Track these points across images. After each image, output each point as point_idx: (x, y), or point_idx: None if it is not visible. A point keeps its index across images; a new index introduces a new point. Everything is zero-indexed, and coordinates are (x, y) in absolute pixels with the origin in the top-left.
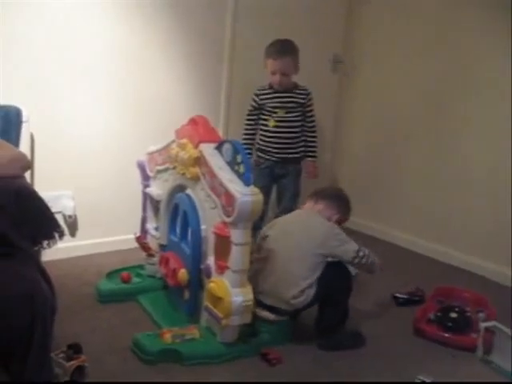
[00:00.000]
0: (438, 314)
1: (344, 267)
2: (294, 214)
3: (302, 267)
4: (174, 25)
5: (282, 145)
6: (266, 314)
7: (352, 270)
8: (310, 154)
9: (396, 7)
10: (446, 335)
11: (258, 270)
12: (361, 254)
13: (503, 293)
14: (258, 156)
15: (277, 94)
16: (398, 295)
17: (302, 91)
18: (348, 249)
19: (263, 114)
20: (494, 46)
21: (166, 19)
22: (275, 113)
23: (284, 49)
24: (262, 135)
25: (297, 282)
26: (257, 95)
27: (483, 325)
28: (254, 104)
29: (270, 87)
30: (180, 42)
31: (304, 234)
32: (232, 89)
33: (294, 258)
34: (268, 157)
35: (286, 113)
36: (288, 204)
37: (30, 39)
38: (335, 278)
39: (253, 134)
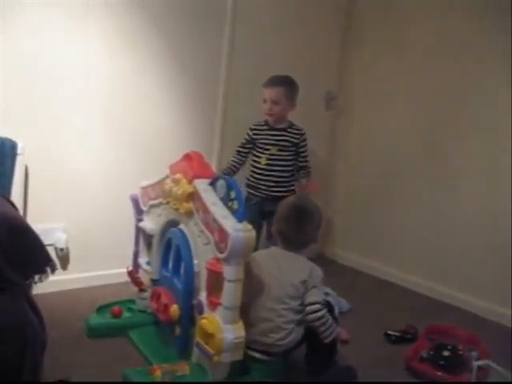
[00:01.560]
0: (431, 352)
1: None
2: (271, 253)
3: (285, 311)
4: (168, 61)
5: (272, 182)
6: (258, 355)
7: (344, 305)
8: (302, 175)
9: (390, 44)
10: (439, 374)
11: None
12: (324, 312)
13: (495, 331)
14: (248, 192)
15: (271, 132)
16: (390, 332)
17: (296, 131)
18: (318, 294)
19: (255, 150)
20: (492, 85)
21: (161, 55)
22: (267, 150)
23: (277, 79)
24: (252, 171)
25: (281, 326)
26: (251, 129)
27: (476, 363)
28: (246, 137)
29: (266, 123)
30: (175, 78)
31: (286, 279)
32: (226, 125)
33: (276, 308)
34: (258, 193)
35: (279, 150)
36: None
37: (25, 72)
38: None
39: (238, 166)
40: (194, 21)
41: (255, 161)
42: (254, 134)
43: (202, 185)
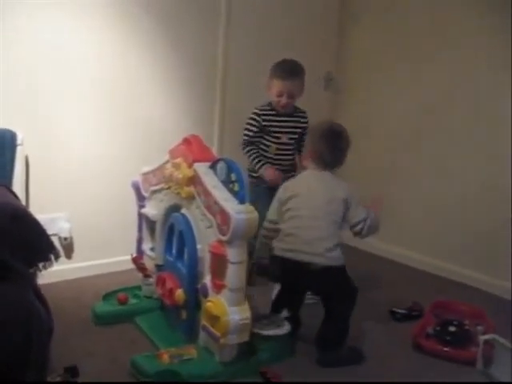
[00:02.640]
0: (437, 328)
1: (351, 282)
2: (310, 175)
3: (330, 226)
4: (166, 46)
5: (280, 170)
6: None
7: None
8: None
9: (387, 24)
10: (446, 349)
11: (285, 230)
12: (368, 222)
13: (500, 305)
14: (254, 177)
15: (281, 118)
16: (395, 310)
17: (301, 113)
18: (360, 212)
19: (264, 138)
20: (489, 65)
21: (160, 42)
22: (278, 138)
23: (294, 69)
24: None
25: (328, 237)
26: (258, 115)
27: (482, 338)
28: (255, 124)
29: (272, 109)
30: (173, 62)
31: (327, 193)
32: (226, 107)
33: (320, 217)
34: (264, 184)
35: (289, 138)
36: None
37: (24, 63)
38: (342, 293)
39: (260, 155)
40: (191, 8)
41: (262, 149)
42: (264, 121)
43: (202, 168)
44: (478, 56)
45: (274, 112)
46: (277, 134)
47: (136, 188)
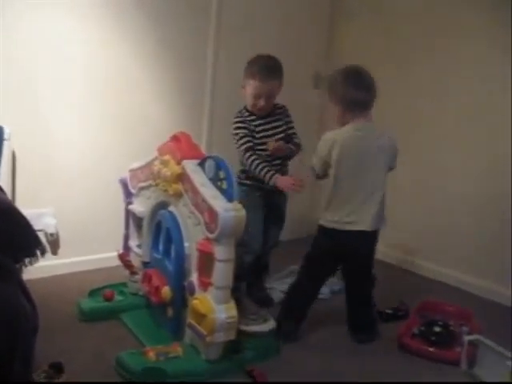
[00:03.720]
0: (422, 328)
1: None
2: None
3: (379, 182)
4: (157, 44)
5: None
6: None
7: (336, 284)
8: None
9: (376, 23)
10: (431, 349)
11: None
12: None
13: (486, 306)
14: (249, 185)
15: (262, 121)
16: (382, 310)
17: (280, 110)
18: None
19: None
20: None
21: (150, 40)
22: (264, 143)
23: (273, 69)
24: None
25: (381, 199)
26: (244, 121)
27: (467, 338)
28: (245, 132)
29: (251, 113)
30: (163, 60)
31: (375, 149)
32: (215, 105)
33: (369, 176)
34: (263, 185)
35: (276, 140)
36: (278, 233)
37: (12, 58)
38: (366, 281)
39: (266, 164)
40: (182, 7)
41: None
42: (253, 126)
43: (190, 165)
44: (468, 56)
45: (254, 117)
46: (263, 139)
47: (124, 184)
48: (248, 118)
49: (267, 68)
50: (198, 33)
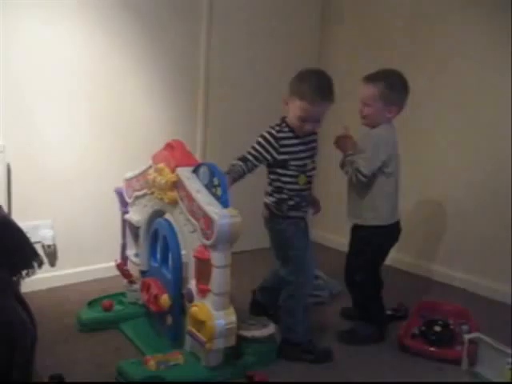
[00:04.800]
0: (422, 328)
1: None
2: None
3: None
4: (150, 51)
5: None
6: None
7: (335, 287)
8: None
9: (368, 25)
10: (431, 349)
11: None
12: None
13: (484, 304)
14: (292, 217)
15: (301, 140)
16: None
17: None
18: None
19: (285, 168)
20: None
21: (143, 47)
22: (305, 166)
23: (325, 91)
24: (289, 193)
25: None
26: (276, 138)
27: (467, 337)
28: (264, 155)
29: (291, 130)
30: (156, 67)
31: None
32: (209, 113)
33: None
34: (303, 213)
35: (313, 162)
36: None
37: (4, 71)
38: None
39: (244, 175)
40: (174, 15)
41: (289, 182)
42: (282, 147)
43: (185, 173)
44: (462, 57)
45: (293, 134)
46: (304, 161)
47: (119, 194)
48: (284, 135)
49: (320, 89)
50: (190, 43)
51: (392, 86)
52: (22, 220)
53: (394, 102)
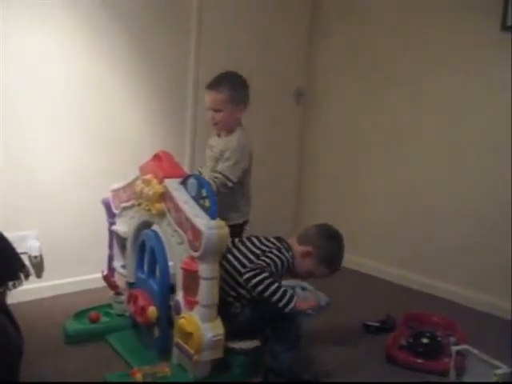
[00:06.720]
0: (410, 340)
1: None
2: None
3: None
4: (136, 61)
5: None
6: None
7: (323, 299)
8: None
9: (355, 39)
10: (419, 361)
11: None
12: None
13: (472, 316)
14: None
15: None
16: (368, 323)
17: None
18: None
19: None
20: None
21: (129, 56)
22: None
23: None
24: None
25: None
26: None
27: (454, 348)
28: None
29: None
30: (144, 78)
31: None
32: (197, 122)
33: None
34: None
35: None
36: None
37: None
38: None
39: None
40: (161, 17)
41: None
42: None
43: (172, 184)
44: (449, 69)
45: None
46: None
47: (106, 205)
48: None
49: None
50: (179, 49)
51: (235, 87)
52: (8, 230)
53: (241, 101)
